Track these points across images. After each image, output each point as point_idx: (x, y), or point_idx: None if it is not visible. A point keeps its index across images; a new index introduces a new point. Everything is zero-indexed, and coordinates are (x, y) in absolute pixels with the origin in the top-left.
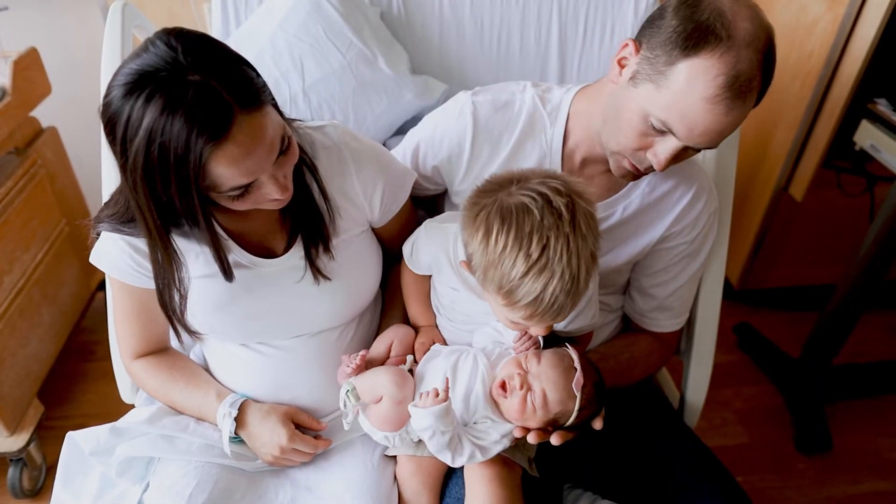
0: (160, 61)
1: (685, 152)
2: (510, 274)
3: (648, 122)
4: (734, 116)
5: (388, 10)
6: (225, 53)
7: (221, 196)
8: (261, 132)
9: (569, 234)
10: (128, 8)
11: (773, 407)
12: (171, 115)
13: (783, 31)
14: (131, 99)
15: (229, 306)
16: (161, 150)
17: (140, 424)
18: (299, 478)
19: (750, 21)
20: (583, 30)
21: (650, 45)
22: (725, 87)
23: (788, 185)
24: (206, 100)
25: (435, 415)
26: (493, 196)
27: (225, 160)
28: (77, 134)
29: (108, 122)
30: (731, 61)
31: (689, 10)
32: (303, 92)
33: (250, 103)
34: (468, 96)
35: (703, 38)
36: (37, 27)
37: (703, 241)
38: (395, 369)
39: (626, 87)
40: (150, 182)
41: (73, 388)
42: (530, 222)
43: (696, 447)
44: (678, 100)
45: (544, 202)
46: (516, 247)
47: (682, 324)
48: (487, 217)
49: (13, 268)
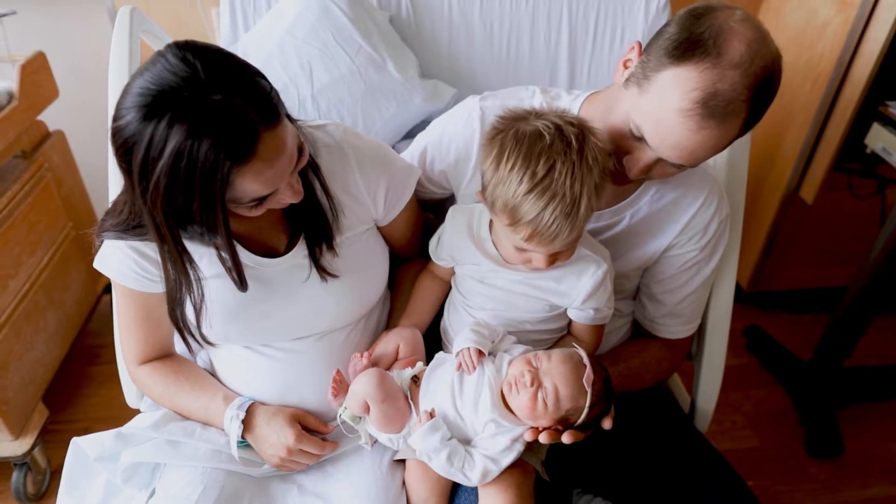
0: (177, 80)
1: (665, 166)
2: (516, 191)
3: (629, 127)
4: (705, 136)
5: (398, 14)
6: (242, 68)
7: (240, 206)
8: (282, 146)
9: (575, 161)
10: (136, 12)
11: (783, 410)
12: (197, 139)
13: (793, 34)
14: (152, 122)
15: (236, 308)
16: (187, 171)
17: (146, 430)
18: (307, 483)
19: (747, 44)
20: (593, 34)
21: (648, 50)
22: (699, 102)
23: (799, 187)
24: (231, 121)
25: (421, 435)
26: (512, 123)
27: (250, 176)
28: (83, 137)
29: (124, 144)
30: (712, 78)
31: (691, 21)
32: (311, 97)
33: (271, 119)
34: (476, 101)
35: (692, 49)
36: (44, 31)
37: (715, 247)
38: (367, 372)
39: (620, 89)
40: (171, 200)
41: (78, 392)
42: (540, 146)
43: (707, 452)
44: (655, 107)
45: (556, 131)
46: (524, 166)
47: (693, 330)
48: (503, 140)
49: (19, 272)
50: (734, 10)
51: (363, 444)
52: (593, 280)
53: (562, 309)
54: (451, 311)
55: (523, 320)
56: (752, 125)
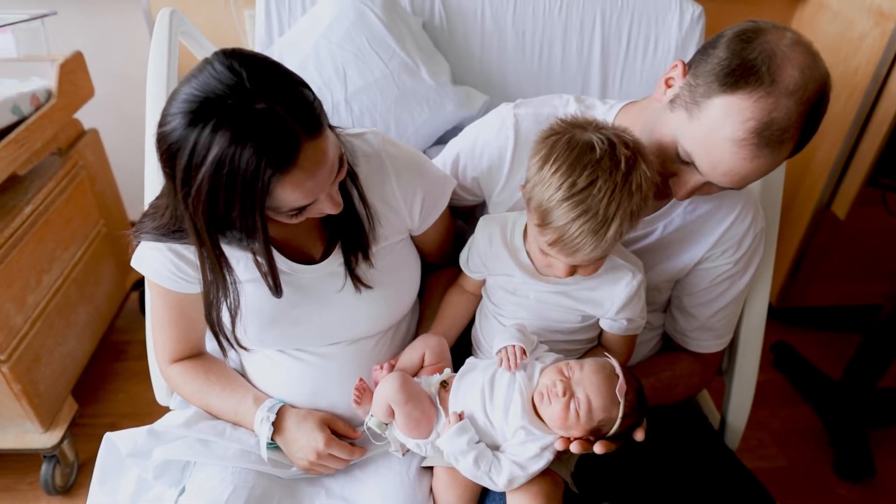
0: (223, 87)
1: (710, 187)
2: (553, 195)
3: (676, 150)
4: (759, 164)
5: (431, 21)
6: (287, 77)
7: (280, 214)
8: (324, 156)
9: (618, 183)
10: (175, 14)
11: (811, 429)
12: (240, 146)
13: (827, 46)
14: (196, 128)
15: (270, 313)
16: (228, 178)
17: (177, 428)
18: (334, 487)
19: (801, 70)
20: (625, 43)
21: (695, 73)
22: (754, 132)
23: (831, 202)
24: (274, 129)
25: (449, 436)
26: (569, 129)
27: (290, 185)
28: (116, 136)
29: (168, 150)
30: (767, 107)
31: (740, 44)
32: (345, 100)
33: (314, 130)
34: (510, 109)
35: (745, 77)
36: (82, 31)
37: (749, 261)
38: (390, 376)
39: (665, 109)
40: (212, 206)
41: (105, 388)
42: (588, 158)
43: (739, 470)
44: (706, 135)
45: (609, 148)
46: (567, 174)
47: (724, 344)
48: (555, 142)
49: (52, 266)
50: (784, 31)
51: (393, 451)
52: (628, 289)
53: (594, 319)
54: (482, 320)
55: (555, 330)
56: (803, 147)
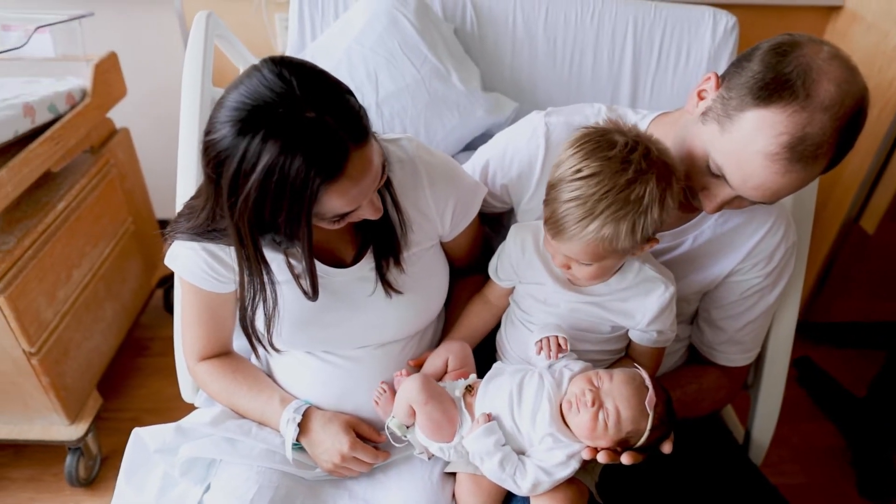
0: (273, 95)
1: (741, 201)
2: (561, 173)
3: (706, 163)
4: (791, 178)
5: (462, 27)
6: (335, 86)
7: (323, 221)
8: (369, 164)
9: (618, 185)
10: (212, 17)
11: (833, 446)
12: (290, 156)
13: (861, 58)
14: (246, 137)
15: (300, 315)
16: (278, 186)
17: (204, 426)
18: (357, 490)
19: (837, 84)
20: (657, 53)
21: (728, 86)
22: (787, 147)
23: (860, 216)
24: (323, 139)
25: (476, 436)
26: (608, 127)
27: (337, 193)
28: (146, 135)
29: (217, 157)
30: (801, 122)
31: (776, 58)
32: (376, 104)
33: (361, 138)
34: (541, 117)
35: (779, 90)
36: (116, 31)
37: (780, 275)
38: (411, 377)
39: (696, 121)
40: (258, 212)
41: (128, 383)
42: (604, 153)
43: (764, 487)
44: (738, 148)
45: (628, 153)
46: (580, 158)
47: (752, 358)
48: (588, 133)
49: (82, 262)
50: (822, 45)
51: (418, 454)
52: (660, 301)
53: (624, 330)
54: (508, 326)
55: (584, 339)
56: (839, 162)
